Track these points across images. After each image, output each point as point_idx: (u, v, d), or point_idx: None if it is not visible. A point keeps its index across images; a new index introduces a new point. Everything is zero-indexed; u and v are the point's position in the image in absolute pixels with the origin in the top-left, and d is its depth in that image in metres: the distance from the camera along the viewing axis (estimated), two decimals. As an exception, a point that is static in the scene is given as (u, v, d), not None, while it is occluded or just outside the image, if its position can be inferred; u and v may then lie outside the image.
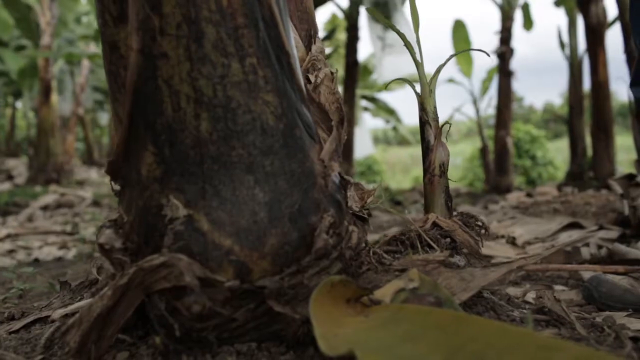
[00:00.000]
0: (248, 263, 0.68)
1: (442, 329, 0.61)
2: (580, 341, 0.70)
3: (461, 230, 0.87)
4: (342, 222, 0.76)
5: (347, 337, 0.63)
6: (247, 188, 0.68)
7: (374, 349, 0.60)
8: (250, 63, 0.68)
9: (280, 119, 0.70)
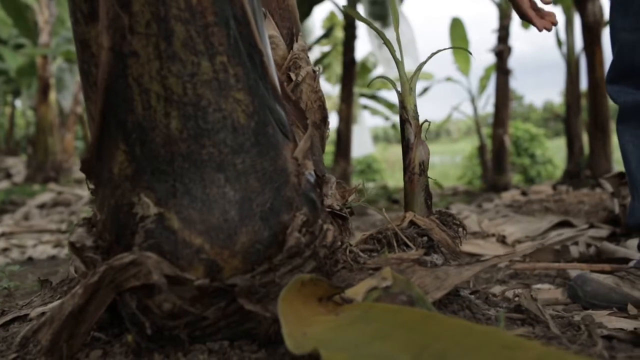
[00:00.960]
0: (218, 261, 0.68)
1: (410, 328, 0.61)
2: (552, 340, 0.70)
3: (438, 228, 0.87)
4: (316, 221, 0.76)
5: (316, 336, 0.63)
6: (218, 186, 0.68)
7: (341, 347, 0.61)
8: (221, 61, 0.67)
9: (251, 117, 0.70)
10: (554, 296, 1.30)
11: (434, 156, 18.30)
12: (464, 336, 0.56)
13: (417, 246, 0.83)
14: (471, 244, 1.84)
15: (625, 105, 1.24)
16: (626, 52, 1.21)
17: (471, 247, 1.80)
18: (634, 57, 1.19)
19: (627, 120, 1.25)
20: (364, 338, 0.62)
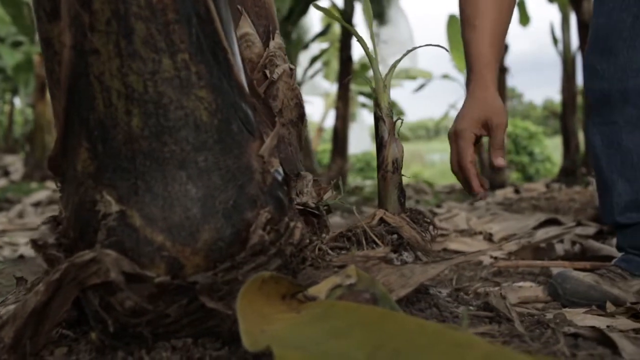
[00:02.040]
0: (180, 259, 0.68)
1: (367, 326, 0.61)
2: (515, 338, 0.70)
3: (408, 226, 0.87)
4: (282, 219, 0.76)
5: (274, 334, 0.63)
6: (180, 184, 0.68)
7: (299, 345, 0.61)
8: (182, 59, 0.68)
9: (214, 114, 0.70)
10: (534, 294, 1.30)
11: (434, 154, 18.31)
12: (417, 334, 0.56)
13: (386, 244, 0.84)
14: (458, 242, 1.84)
15: (594, 97, 1.24)
16: (601, 37, 1.22)
17: (458, 244, 1.80)
18: (607, 40, 1.20)
19: (594, 115, 1.24)
20: (321, 336, 0.62)
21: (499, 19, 1.11)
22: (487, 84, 1.10)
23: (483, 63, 1.10)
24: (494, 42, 1.11)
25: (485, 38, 1.09)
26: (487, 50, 1.10)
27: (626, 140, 1.18)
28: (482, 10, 1.09)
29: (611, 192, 1.21)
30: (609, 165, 1.21)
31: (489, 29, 1.09)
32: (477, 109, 1.08)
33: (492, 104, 1.08)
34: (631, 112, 1.17)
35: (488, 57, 1.10)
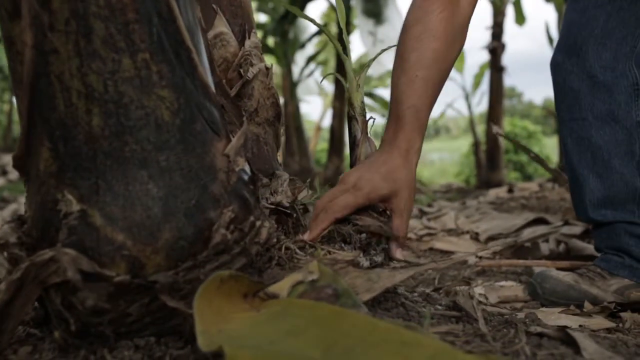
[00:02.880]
0: (141, 258, 0.68)
1: (323, 324, 0.61)
2: (477, 337, 0.70)
3: (370, 218, 0.86)
4: (247, 218, 0.76)
5: (231, 333, 0.63)
6: (141, 183, 0.68)
7: (255, 344, 0.61)
8: (143, 58, 0.68)
9: (176, 114, 0.70)
10: (514, 293, 1.30)
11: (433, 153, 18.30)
12: (369, 332, 0.57)
13: (354, 243, 0.83)
14: (444, 241, 1.84)
15: (563, 93, 1.24)
16: (573, 33, 1.21)
17: (444, 244, 1.80)
18: (577, 36, 1.20)
19: (564, 112, 1.24)
20: (278, 334, 0.62)
21: (442, 78, 1.00)
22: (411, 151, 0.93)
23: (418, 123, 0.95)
24: (432, 101, 0.98)
25: (428, 93, 0.96)
26: (426, 106, 0.97)
27: (596, 136, 1.18)
28: (430, 62, 0.96)
29: (583, 189, 1.22)
30: (580, 161, 1.21)
31: (432, 84, 0.97)
32: (386, 182, 0.89)
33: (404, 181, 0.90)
34: (600, 108, 1.17)
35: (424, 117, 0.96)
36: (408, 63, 0.97)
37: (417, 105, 0.95)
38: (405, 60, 0.98)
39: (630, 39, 1.15)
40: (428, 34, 0.97)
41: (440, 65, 0.98)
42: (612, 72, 1.16)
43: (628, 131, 1.17)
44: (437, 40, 0.96)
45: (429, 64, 0.96)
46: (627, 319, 1.07)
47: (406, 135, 0.94)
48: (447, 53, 0.98)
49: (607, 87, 1.16)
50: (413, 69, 0.96)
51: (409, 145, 0.93)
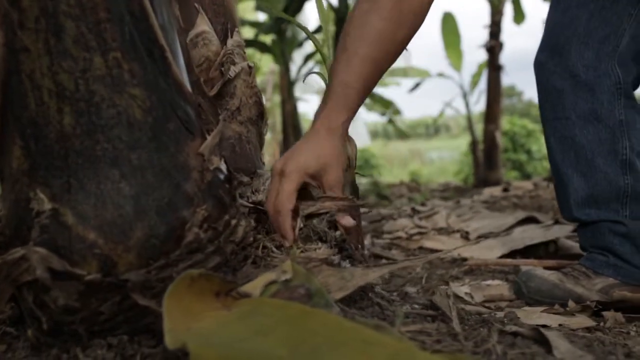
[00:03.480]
0: (113, 256, 0.68)
1: (291, 323, 0.61)
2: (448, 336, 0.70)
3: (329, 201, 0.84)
4: (222, 216, 0.76)
5: (201, 331, 0.63)
6: (113, 182, 0.68)
7: (224, 342, 0.61)
8: (114, 57, 0.68)
9: (148, 112, 0.70)
10: (499, 292, 1.30)
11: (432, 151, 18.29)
12: (335, 332, 0.57)
13: (330, 241, 0.84)
14: (434, 240, 1.84)
15: (547, 92, 1.23)
16: (555, 33, 1.21)
17: (433, 242, 1.80)
18: (560, 36, 1.20)
19: (548, 111, 1.24)
20: (247, 333, 0.62)
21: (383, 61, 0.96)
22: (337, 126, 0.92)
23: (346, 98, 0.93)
24: (368, 82, 0.96)
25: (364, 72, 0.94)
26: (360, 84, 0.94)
27: (579, 135, 1.18)
28: (371, 42, 0.93)
29: (567, 188, 1.22)
30: (564, 161, 1.21)
31: (371, 65, 0.94)
32: (313, 157, 0.88)
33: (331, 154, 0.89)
34: (583, 108, 1.17)
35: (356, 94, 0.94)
36: (350, 39, 0.95)
37: (349, 82, 0.93)
38: (348, 35, 0.96)
39: (613, 38, 1.15)
40: (375, 13, 0.94)
41: (383, 45, 0.95)
42: (594, 71, 1.16)
43: (611, 130, 1.16)
44: (383, 20, 0.94)
45: (370, 43, 0.94)
46: (609, 318, 1.07)
47: (332, 110, 0.92)
48: (394, 35, 0.95)
49: (589, 86, 1.16)
50: (354, 45, 0.94)
51: (334, 121, 0.92)
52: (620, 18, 1.15)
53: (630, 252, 1.20)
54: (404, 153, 17.29)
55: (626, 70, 1.17)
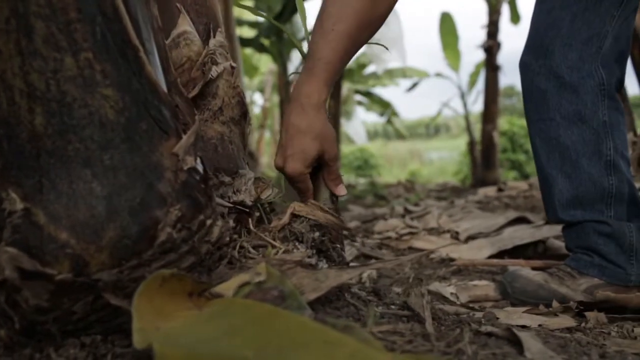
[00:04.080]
0: (85, 256, 0.68)
1: (259, 324, 0.61)
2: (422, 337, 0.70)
3: (321, 212, 0.86)
4: (197, 217, 0.76)
5: (170, 331, 0.63)
6: (85, 182, 0.69)
7: (190, 343, 0.61)
8: (86, 57, 0.68)
9: (121, 113, 0.70)
10: (485, 292, 1.30)
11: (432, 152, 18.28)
12: (300, 332, 0.57)
13: (307, 242, 0.84)
14: (424, 240, 1.84)
15: (531, 94, 1.24)
16: (540, 35, 1.22)
17: (423, 243, 1.81)
18: (544, 37, 1.21)
19: (532, 112, 1.25)
20: (216, 333, 0.62)
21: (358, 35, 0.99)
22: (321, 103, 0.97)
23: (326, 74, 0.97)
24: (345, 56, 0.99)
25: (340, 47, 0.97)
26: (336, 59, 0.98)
27: (564, 136, 1.18)
28: (346, 18, 0.96)
29: (552, 189, 1.22)
30: (549, 161, 1.22)
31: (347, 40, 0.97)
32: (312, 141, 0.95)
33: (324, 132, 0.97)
34: (567, 109, 1.17)
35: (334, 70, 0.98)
36: (326, 15, 0.98)
37: (328, 57, 0.97)
38: (324, 12, 0.99)
39: (596, 39, 1.15)
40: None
41: (359, 21, 0.97)
42: (578, 72, 1.16)
43: (595, 131, 1.17)
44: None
45: (346, 18, 0.97)
46: (591, 318, 1.07)
47: (314, 87, 0.96)
48: (371, 11, 0.98)
49: (573, 88, 1.16)
50: (330, 21, 0.97)
51: (317, 97, 0.96)
52: (603, 20, 1.15)
53: (614, 252, 1.21)
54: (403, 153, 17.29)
55: (609, 72, 1.18)
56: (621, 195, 1.18)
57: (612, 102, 1.17)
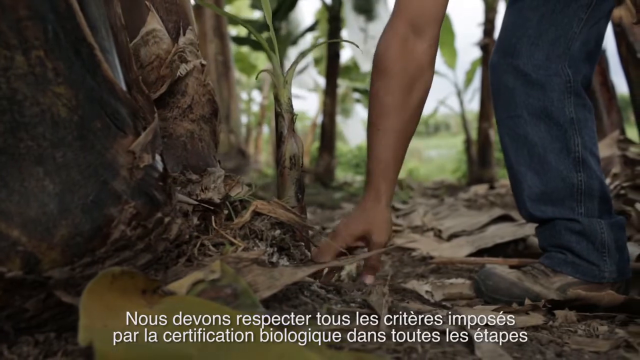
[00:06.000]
0: (36, 254, 0.68)
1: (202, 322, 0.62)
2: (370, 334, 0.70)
3: (283, 210, 0.87)
4: (154, 214, 0.76)
5: (117, 328, 0.64)
6: (37, 180, 0.69)
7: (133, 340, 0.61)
8: (37, 55, 0.68)
9: (74, 111, 0.70)
10: (459, 291, 1.30)
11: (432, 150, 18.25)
12: (238, 327, 0.57)
13: (266, 240, 0.84)
14: (406, 238, 1.84)
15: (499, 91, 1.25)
16: (508, 34, 1.23)
17: (404, 241, 1.81)
18: (512, 37, 1.21)
19: (501, 110, 1.25)
20: (162, 331, 0.62)
21: (404, 128, 1.09)
22: (380, 196, 1.08)
23: (380, 171, 1.08)
24: (396, 150, 1.09)
25: (388, 144, 1.08)
26: (388, 155, 1.08)
27: (532, 133, 1.19)
28: (387, 115, 1.07)
29: (522, 185, 1.23)
30: (517, 158, 1.22)
31: (392, 135, 1.08)
32: (361, 222, 1.06)
33: (376, 219, 1.06)
34: (535, 106, 1.18)
35: (387, 166, 1.08)
36: (371, 118, 1.10)
37: (380, 157, 1.08)
38: (370, 115, 1.11)
39: (564, 40, 1.16)
40: (384, 89, 1.08)
41: (400, 116, 1.08)
42: (545, 70, 1.17)
43: (562, 128, 1.17)
44: (391, 95, 1.07)
45: (388, 117, 1.08)
46: (560, 316, 1.07)
47: (374, 184, 1.08)
48: (406, 104, 1.08)
49: (540, 85, 1.17)
50: (375, 123, 1.09)
51: (377, 193, 1.08)
52: (570, 22, 1.16)
53: (587, 250, 1.21)
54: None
55: (576, 71, 1.19)
56: (591, 191, 1.19)
57: (579, 99, 1.17)
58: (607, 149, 2.18)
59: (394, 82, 1.08)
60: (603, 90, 2.51)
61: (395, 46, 1.08)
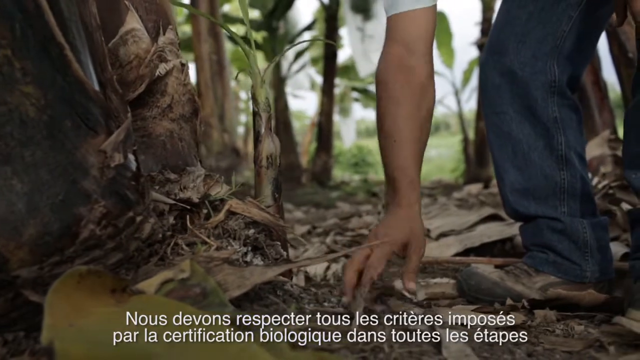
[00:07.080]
0: (4, 253, 0.68)
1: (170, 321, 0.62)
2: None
3: (257, 210, 0.87)
4: (125, 213, 0.76)
5: (83, 327, 0.64)
6: (5, 179, 0.69)
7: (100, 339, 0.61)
8: (4, 55, 0.68)
9: (43, 110, 0.70)
10: (442, 290, 1.30)
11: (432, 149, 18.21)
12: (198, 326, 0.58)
13: (239, 240, 0.84)
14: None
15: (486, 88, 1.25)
16: (497, 32, 1.24)
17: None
18: (500, 35, 1.22)
19: (487, 106, 1.26)
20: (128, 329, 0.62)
21: (418, 136, 1.10)
22: (412, 204, 1.08)
23: (408, 180, 1.07)
24: (415, 157, 1.10)
25: (407, 153, 1.08)
26: (409, 163, 1.08)
27: (516, 130, 1.20)
28: (401, 126, 1.09)
29: (505, 181, 1.23)
30: (502, 155, 1.23)
31: (409, 144, 1.08)
32: (402, 230, 1.05)
33: (414, 227, 1.07)
34: (520, 103, 1.19)
35: (412, 174, 1.08)
36: (384, 131, 1.11)
37: (402, 167, 1.08)
38: (381, 129, 1.12)
39: (552, 38, 1.16)
40: (392, 103, 1.10)
41: (411, 126, 1.09)
42: (531, 68, 1.17)
43: (545, 126, 1.18)
44: (400, 106, 1.09)
45: (400, 129, 1.09)
46: (539, 316, 1.07)
47: (402, 194, 1.08)
48: (415, 114, 1.10)
49: (525, 83, 1.18)
50: (389, 136, 1.10)
51: (408, 201, 1.08)
52: (559, 20, 1.16)
53: (569, 249, 1.21)
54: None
55: (563, 70, 1.19)
56: (574, 190, 1.19)
57: (563, 99, 1.17)
58: (598, 148, 2.18)
59: (400, 94, 1.10)
60: (595, 89, 2.51)
61: (394, 64, 1.11)
